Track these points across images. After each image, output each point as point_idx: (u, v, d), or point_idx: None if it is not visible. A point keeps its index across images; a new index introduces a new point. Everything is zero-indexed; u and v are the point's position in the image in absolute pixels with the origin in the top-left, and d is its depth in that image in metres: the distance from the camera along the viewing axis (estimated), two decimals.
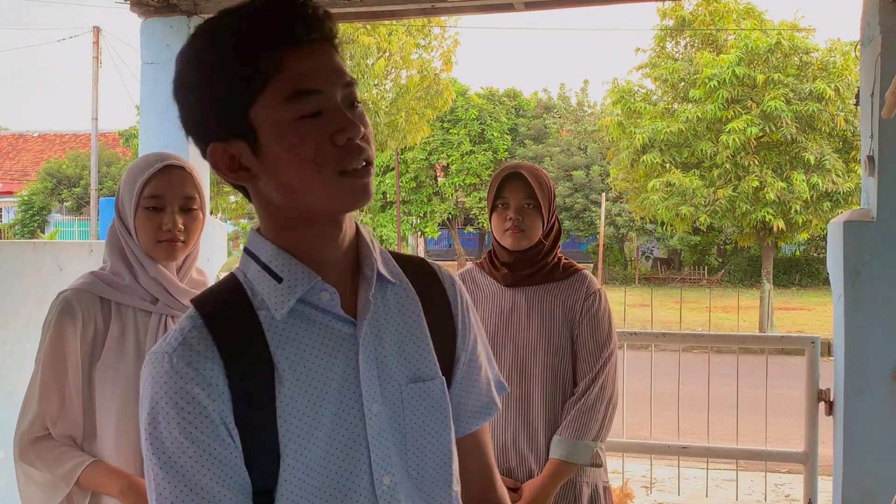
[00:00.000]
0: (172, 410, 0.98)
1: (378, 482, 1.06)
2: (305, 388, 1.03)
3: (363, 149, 1.02)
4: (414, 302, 1.15)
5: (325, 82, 1.01)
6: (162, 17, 4.08)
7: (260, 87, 0.99)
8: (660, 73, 15.93)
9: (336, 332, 1.07)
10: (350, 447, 1.05)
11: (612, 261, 26.98)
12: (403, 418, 1.10)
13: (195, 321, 1.03)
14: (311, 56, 1.00)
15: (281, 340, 1.04)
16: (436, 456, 1.12)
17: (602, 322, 2.31)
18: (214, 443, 0.98)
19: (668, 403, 4.75)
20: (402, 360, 1.11)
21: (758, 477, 5.23)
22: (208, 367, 1.00)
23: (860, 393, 3.28)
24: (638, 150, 15.17)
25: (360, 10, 4.03)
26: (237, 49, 0.98)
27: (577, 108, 30.14)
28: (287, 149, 0.99)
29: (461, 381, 1.20)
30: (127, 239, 1.87)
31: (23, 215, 27.69)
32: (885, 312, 3.24)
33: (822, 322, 15.92)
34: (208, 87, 1.00)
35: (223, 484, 0.98)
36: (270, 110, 0.99)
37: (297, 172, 1.00)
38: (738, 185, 14.51)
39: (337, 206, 1.04)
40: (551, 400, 2.28)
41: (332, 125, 1.00)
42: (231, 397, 1.00)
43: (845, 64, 14.22)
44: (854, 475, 3.28)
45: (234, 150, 1.02)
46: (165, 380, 0.99)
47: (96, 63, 21.71)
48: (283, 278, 1.05)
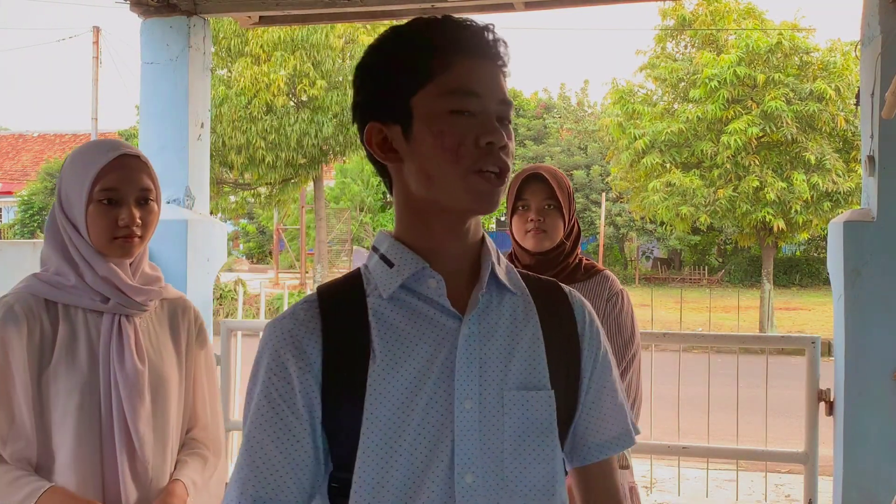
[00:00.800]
0: (263, 371, 1.08)
1: (459, 478, 1.06)
2: (399, 375, 1.07)
3: (501, 158, 1.09)
4: (531, 313, 1.16)
5: (485, 90, 1.09)
6: (162, 17, 4.08)
7: (425, 80, 1.08)
8: (660, 73, 15.93)
9: (439, 325, 1.10)
10: (436, 440, 1.07)
11: (613, 261, 26.98)
12: (503, 424, 1.10)
13: (310, 298, 1.13)
14: (477, 67, 1.09)
15: (383, 326, 1.09)
16: (536, 469, 1.11)
17: (625, 322, 2.31)
18: (287, 410, 1.06)
19: (668, 403, 4.74)
20: (508, 365, 1.12)
21: (758, 477, 5.23)
22: (307, 339, 1.08)
23: (860, 393, 3.28)
24: (638, 151, 15.17)
25: (360, 10, 4.03)
26: (415, 45, 1.10)
27: (578, 108, 30.15)
28: (434, 135, 1.08)
29: (589, 405, 1.19)
30: (72, 236, 1.71)
31: (23, 215, 27.67)
32: (885, 312, 3.24)
33: (823, 322, 15.93)
34: (382, 72, 1.12)
35: (282, 451, 1.05)
36: (429, 100, 1.08)
37: (437, 160, 1.08)
38: (739, 185, 14.50)
39: (462, 204, 1.09)
40: None
41: (480, 127, 1.08)
42: (322, 371, 1.07)
43: (845, 64, 14.21)
44: (854, 475, 3.27)
45: (389, 132, 1.11)
46: (266, 343, 1.09)
47: (96, 63, 21.71)
48: (395, 263, 1.12)
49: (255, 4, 4.04)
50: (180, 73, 4.05)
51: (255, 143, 16.65)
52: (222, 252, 4.28)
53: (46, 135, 33.20)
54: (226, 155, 16.80)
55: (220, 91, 16.28)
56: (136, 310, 1.76)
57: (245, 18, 4.25)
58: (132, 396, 1.71)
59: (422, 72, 1.08)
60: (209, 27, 4.23)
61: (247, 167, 17.27)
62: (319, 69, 16.88)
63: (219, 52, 16.59)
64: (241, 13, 4.16)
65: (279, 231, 25.92)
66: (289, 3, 4.03)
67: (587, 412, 1.19)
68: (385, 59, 1.12)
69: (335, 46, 17.01)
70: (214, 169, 16.53)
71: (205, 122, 4.16)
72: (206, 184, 4.25)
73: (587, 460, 1.19)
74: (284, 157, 17.01)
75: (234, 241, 32.45)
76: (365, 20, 4.55)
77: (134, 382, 1.71)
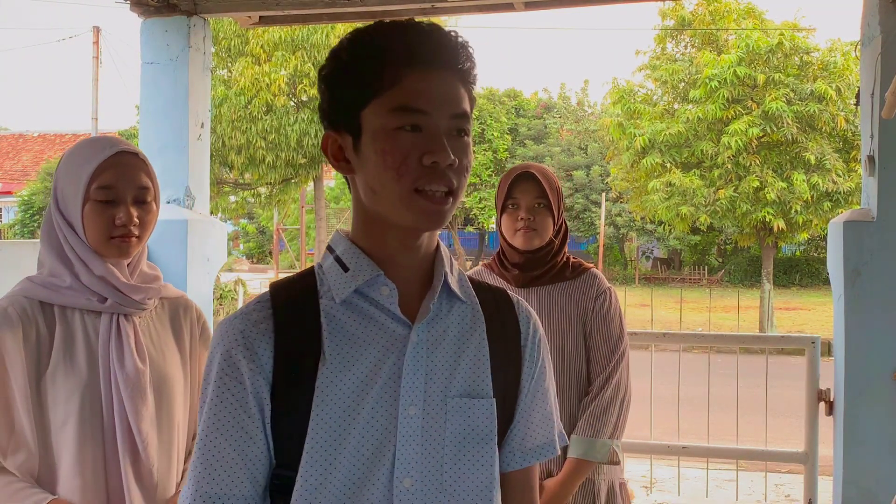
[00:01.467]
0: (217, 369, 1.09)
1: (398, 482, 1.09)
2: (348, 378, 1.09)
3: (447, 177, 1.08)
4: (479, 323, 1.19)
5: (433, 106, 1.08)
6: (162, 17, 4.08)
7: (375, 93, 1.08)
8: (660, 73, 15.93)
9: (390, 332, 1.12)
10: (379, 444, 1.09)
11: (613, 261, 26.99)
12: (444, 430, 1.12)
13: (263, 297, 1.13)
14: (429, 80, 1.08)
15: (334, 328, 1.10)
16: (475, 475, 1.13)
17: (614, 321, 2.32)
18: (239, 409, 1.08)
19: (669, 403, 4.75)
20: (453, 373, 1.14)
21: (758, 477, 5.23)
22: (258, 340, 1.09)
23: (860, 393, 3.28)
24: (638, 151, 15.17)
25: (360, 10, 4.03)
26: (367, 55, 1.08)
27: (578, 107, 30.13)
28: (377, 153, 1.08)
29: (522, 413, 1.22)
30: (68, 234, 1.67)
31: (23, 215, 27.66)
32: (885, 312, 3.24)
33: (823, 322, 15.93)
34: (336, 82, 1.12)
35: (235, 448, 1.07)
36: (377, 115, 1.08)
37: (379, 176, 1.08)
38: (739, 185, 14.50)
39: (406, 220, 1.09)
40: (568, 399, 2.28)
41: (425, 145, 1.07)
42: (273, 371, 1.08)
43: (846, 64, 14.21)
44: (854, 475, 3.27)
45: (342, 142, 1.13)
46: (219, 343, 1.10)
47: (96, 63, 21.71)
48: (350, 268, 1.13)
49: (255, 4, 4.04)
50: (180, 73, 4.05)
51: (255, 143, 16.64)
52: (222, 252, 4.28)
53: (46, 135, 33.19)
54: (226, 155, 16.80)
55: (219, 91, 16.27)
56: (134, 309, 1.72)
57: (245, 18, 4.25)
58: (134, 396, 1.67)
59: (372, 85, 1.08)
60: (209, 27, 4.23)
61: (247, 167, 17.26)
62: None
63: (219, 52, 16.59)
64: (241, 13, 4.16)
65: (279, 231, 25.93)
66: (289, 3, 4.03)
67: (518, 419, 1.21)
68: (340, 68, 1.11)
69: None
70: (214, 169, 16.53)
71: (205, 122, 4.16)
72: (206, 184, 4.25)
73: (509, 467, 1.21)
74: (284, 157, 17.01)
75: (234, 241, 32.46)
76: (365, 20, 4.54)
77: (135, 382, 1.67)
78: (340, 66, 1.11)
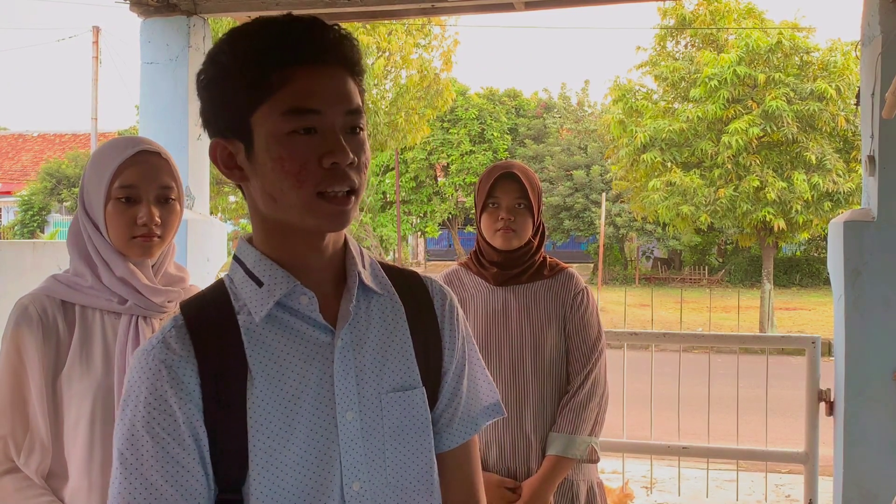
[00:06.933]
0: (142, 405, 1.02)
1: (347, 487, 1.08)
2: (278, 393, 1.06)
3: (348, 177, 1.05)
4: (399, 313, 1.17)
5: (326, 104, 1.04)
6: (162, 17, 4.08)
7: (264, 97, 1.03)
8: (660, 72, 15.93)
9: (313, 340, 1.09)
10: (324, 453, 1.07)
11: (613, 261, 26.97)
12: (382, 427, 1.12)
13: (177, 321, 1.07)
14: (318, 77, 1.04)
15: (257, 345, 1.07)
16: (416, 464, 1.14)
17: (591, 320, 2.35)
18: (173, 443, 1.02)
19: (669, 404, 4.75)
20: (382, 370, 1.13)
21: (758, 477, 5.23)
22: (182, 367, 1.04)
23: (860, 393, 3.28)
24: (638, 149, 15.17)
25: (359, 9, 4.03)
26: (251, 58, 1.03)
27: (578, 107, 30.12)
28: (274, 160, 1.03)
29: (449, 395, 1.21)
30: (92, 234, 1.67)
31: (23, 215, 27.67)
32: (885, 312, 3.24)
33: (823, 322, 15.92)
34: (220, 87, 1.06)
35: (173, 484, 1.01)
36: (268, 120, 1.03)
37: (279, 184, 1.04)
38: (739, 184, 14.50)
39: (310, 225, 1.06)
40: (546, 397, 2.29)
41: (323, 147, 1.03)
42: (202, 397, 1.04)
43: (846, 63, 14.20)
44: (854, 475, 3.27)
45: (233, 149, 1.07)
46: (140, 375, 1.04)
47: (96, 63, 21.71)
48: (264, 282, 1.08)
49: (255, 4, 4.04)
50: (180, 73, 4.05)
51: None
52: (222, 252, 4.28)
53: (46, 135, 33.19)
54: None
55: None
56: (154, 311, 1.70)
57: (245, 18, 4.25)
58: None
59: (259, 88, 1.03)
60: (209, 27, 4.23)
61: None
62: None
63: None
64: (241, 13, 4.16)
65: None
66: (289, 3, 4.03)
67: (445, 400, 1.20)
68: (223, 72, 1.05)
69: None
70: (214, 169, 16.50)
71: None
72: (206, 184, 4.26)
73: (454, 442, 1.21)
74: None
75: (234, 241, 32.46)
76: (365, 20, 4.55)
77: None
78: (222, 70, 1.05)
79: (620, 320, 13.13)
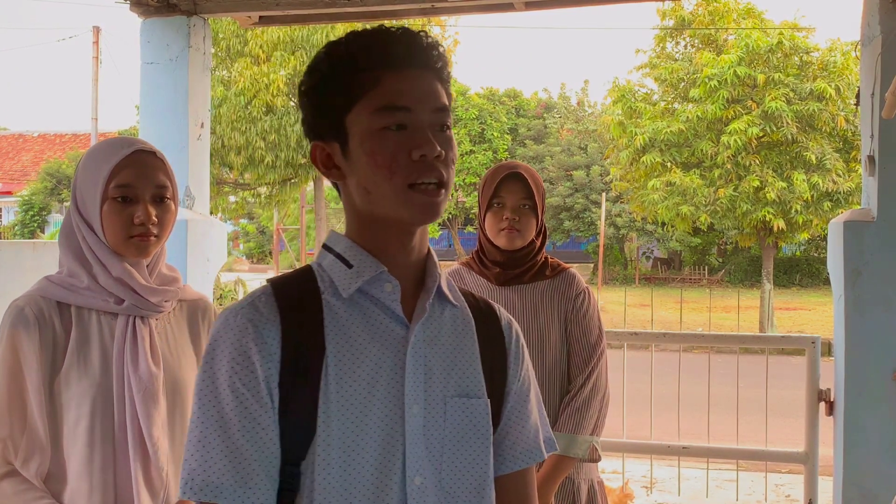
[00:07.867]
0: (226, 360, 1.08)
1: (409, 481, 1.11)
2: (355, 376, 1.10)
3: (436, 169, 1.11)
4: (469, 325, 1.22)
5: (415, 102, 1.11)
6: (162, 17, 4.08)
7: (357, 98, 1.11)
8: (660, 72, 15.93)
9: (389, 331, 1.14)
10: (389, 443, 1.11)
11: (613, 261, 26.98)
12: (444, 428, 1.15)
13: (266, 290, 1.14)
14: (406, 79, 1.12)
15: (337, 326, 1.12)
16: (471, 473, 1.16)
17: (592, 321, 2.36)
18: (252, 399, 1.07)
19: (669, 404, 4.75)
20: (450, 373, 1.17)
21: (758, 477, 5.23)
22: (268, 329, 1.09)
23: (860, 393, 3.29)
24: (638, 150, 15.17)
25: (359, 10, 4.03)
26: (345, 64, 1.12)
27: (578, 107, 30.13)
28: (367, 154, 1.11)
29: (510, 418, 1.24)
30: (86, 234, 1.67)
31: (23, 215, 27.68)
32: (885, 312, 3.24)
33: (823, 322, 15.92)
34: (317, 93, 1.15)
35: (249, 439, 1.06)
36: (362, 119, 1.11)
37: (372, 177, 1.11)
38: (739, 184, 14.50)
39: (404, 216, 1.12)
40: (549, 396, 2.30)
41: (412, 141, 1.10)
42: (281, 360, 1.08)
43: (846, 63, 14.20)
44: (854, 475, 3.28)
45: (331, 150, 1.15)
46: (226, 331, 1.09)
47: (96, 63, 21.69)
48: (354, 265, 1.14)
49: (255, 4, 4.04)
50: (180, 73, 4.05)
51: (254, 144, 16.63)
52: (222, 252, 4.28)
53: (46, 135, 33.19)
54: (225, 155, 16.79)
55: (219, 91, 16.25)
56: (151, 311, 1.70)
57: (245, 18, 4.26)
58: (146, 400, 1.65)
59: (352, 90, 1.11)
60: (209, 27, 4.23)
61: (246, 167, 17.25)
62: None
63: (218, 53, 16.58)
64: (241, 13, 4.16)
65: (279, 231, 25.93)
66: (289, 3, 4.03)
67: (506, 423, 1.23)
68: (319, 79, 1.15)
69: None
70: (214, 169, 16.53)
71: (205, 122, 4.17)
72: (206, 184, 4.26)
73: (501, 470, 1.23)
74: (284, 157, 17.00)
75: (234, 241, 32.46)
76: (365, 20, 4.55)
77: (148, 386, 1.65)
78: (320, 77, 1.14)
79: (620, 320, 13.12)
